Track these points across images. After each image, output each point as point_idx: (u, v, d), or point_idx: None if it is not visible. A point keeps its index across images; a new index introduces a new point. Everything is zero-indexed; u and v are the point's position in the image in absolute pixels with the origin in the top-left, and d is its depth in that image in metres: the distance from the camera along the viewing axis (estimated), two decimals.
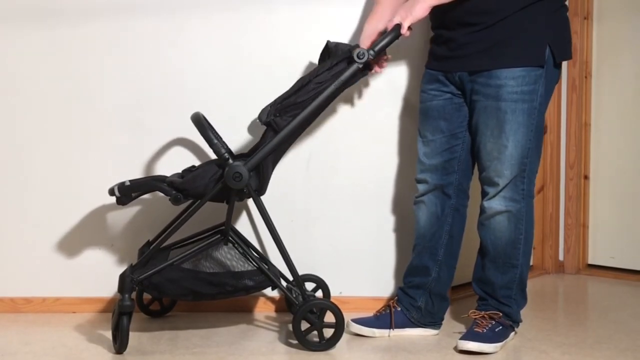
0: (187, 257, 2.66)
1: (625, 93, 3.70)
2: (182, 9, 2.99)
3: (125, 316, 2.57)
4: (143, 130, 3.03)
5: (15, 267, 3.06)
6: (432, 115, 2.74)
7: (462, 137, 2.72)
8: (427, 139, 2.75)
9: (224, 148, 2.59)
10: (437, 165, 2.74)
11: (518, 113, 2.56)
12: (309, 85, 2.57)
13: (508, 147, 2.58)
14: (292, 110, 2.57)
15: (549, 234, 3.81)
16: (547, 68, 2.57)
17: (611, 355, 2.60)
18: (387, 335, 2.79)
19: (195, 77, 3.01)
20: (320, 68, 2.60)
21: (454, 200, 2.77)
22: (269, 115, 2.57)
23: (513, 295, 2.71)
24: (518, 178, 2.61)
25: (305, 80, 2.59)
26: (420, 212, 2.80)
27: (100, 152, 3.04)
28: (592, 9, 3.73)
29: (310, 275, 2.99)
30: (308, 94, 2.57)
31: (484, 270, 2.73)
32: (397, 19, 2.58)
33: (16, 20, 2.99)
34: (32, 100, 3.02)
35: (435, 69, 2.72)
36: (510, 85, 2.55)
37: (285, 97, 2.58)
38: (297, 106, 2.57)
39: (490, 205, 2.65)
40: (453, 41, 2.64)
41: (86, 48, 3.00)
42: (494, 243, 2.68)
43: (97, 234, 3.05)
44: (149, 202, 3.03)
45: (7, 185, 3.04)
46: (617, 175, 3.74)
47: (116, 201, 2.64)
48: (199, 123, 2.59)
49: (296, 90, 2.58)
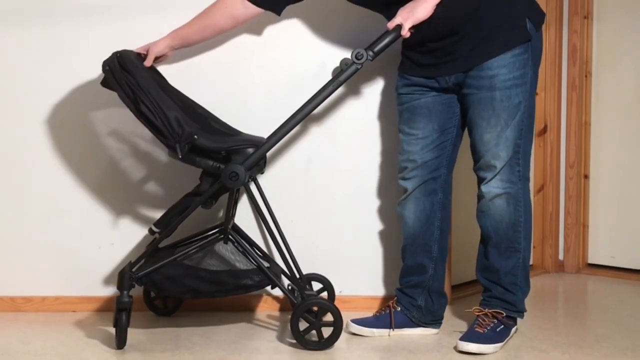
0: (187, 254, 2.66)
1: (625, 93, 3.69)
2: (182, 8, 2.98)
3: (123, 312, 2.57)
4: (144, 130, 3.02)
5: (15, 266, 3.06)
6: (421, 113, 2.73)
7: (451, 132, 2.74)
8: (417, 136, 2.74)
9: (210, 159, 2.59)
10: (428, 161, 2.74)
11: (513, 98, 2.59)
12: (142, 100, 2.51)
13: (505, 132, 2.60)
14: (168, 125, 2.49)
15: (549, 233, 3.81)
16: (533, 40, 2.61)
17: (611, 354, 2.60)
18: (387, 335, 2.79)
19: (196, 76, 3.01)
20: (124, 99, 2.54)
21: (441, 196, 2.79)
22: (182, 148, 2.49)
23: (518, 282, 2.71)
24: (513, 159, 2.63)
25: (133, 101, 2.53)
26: (407, 211, 2.80)
27: (101, 152, 3.03)
28: (592, 9, 3.73)
29: (316, 275, 3.00)
30: (150, 105, 2.50)
31: (487, 258, 2.72)
32: (398, 20, 2.56)
33: (16, 20, 2.99)
34: (32, 100, 3.02)
35: (419, 76, 2.71)
36: (503, 73, 2.57)
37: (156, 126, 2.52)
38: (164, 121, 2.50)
39: (489, 189, 2.66)
40: (440, 50, 2.64)
41: (86, 48, 3.00)
42: (495, 228, 2.68)
43: (97, 233, 3.05)
44: (149, 201, 3.03)
45: (7, 185, 3.04)
46: (617, 175, 3.74)
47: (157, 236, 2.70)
48: (177, 155, 2.57)
49: (148, 113, 2.51)
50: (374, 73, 3.01)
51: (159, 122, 2.50)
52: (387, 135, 3.05)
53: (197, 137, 2.51)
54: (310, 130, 3.06)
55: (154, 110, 2.50)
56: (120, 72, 2.55)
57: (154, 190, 3.03)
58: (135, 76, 2.55)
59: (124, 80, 2.54)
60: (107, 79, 2.59)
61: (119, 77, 2.55)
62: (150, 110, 2.50)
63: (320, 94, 2.62)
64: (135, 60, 2.64)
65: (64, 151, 3.03)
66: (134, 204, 3.03)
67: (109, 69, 2.57)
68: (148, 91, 2.53)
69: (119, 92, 2.55)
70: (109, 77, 2.57)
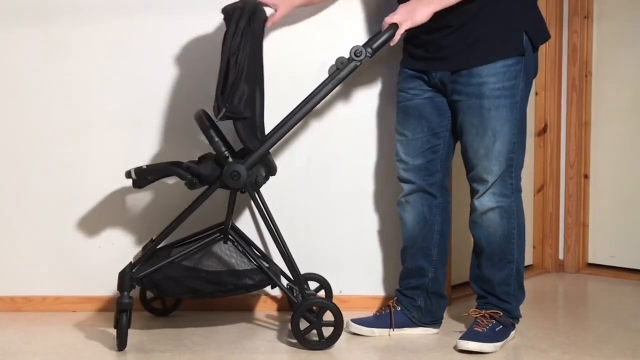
0: (187, 255, 2.66)
1: (625, 92, 3.70)
2: (183, 8, 2.99)
3: (124, 313, 2.57)
4: (144, 129, 3.03)
5: (15, 266, 3.06)
6: (413, 115, 2.73)
7: (443, 136, 2.73)
8: (407, 138, 2.75)
9: (225, 146, 2.59)
10: (420, 165, 2.74)
11: (501, 109, 2.57)
12: (229, 62, 2.51)
13: (495, 144, 2.59)
14: (234, 91, 2.51)
15: (549, 233, 3.81)
16: (527, 56, 2.58)
17: (611, 354, 2.60)
18: (388, 335, 2.79)
19: (197, 75, 3.01)
20: (228, 39, 2.53)
21: (440, 199, 2.78)
22: (220, 109, 2.51)
23: (512, 291, 2.71)
24: (506, 173, 2.62)
25: (224, 60, 2.53)
26: (406, 213, 2.80)
27: (101, 152, 3.04)
28: (592, 9, 3.73)
29: (313, 275, 3.00)
30: (235, 70, 2.51)
31: (480, 269, 2.73)
32: (396, 18, 2.56)
33: (16, 20, 2.99)
34: (32, 99, 3.02)
35: (414, 69, 2.72)
36: (492, 82, 2.56)
37: (222, 85, 2.52)
38: (235, 85, 2.51)
39: (482, 202, 2.65)
40: (432, 44, 2.64)
41: (87, 48, 3.00)
42: (489, 240, 2.68)
43: (97, 232, 3.05)
44: (150, 201, 3.03)
45: (7, 185, 3.04)
46: (617, 175, 3.74)
47: (132, 184, 2.63)
48: (201, 121, 2.59)
49: (225, 74, 2.52)
50: (374, 71, 3.02)
51: (230, 81, 2.49)
52: (387, 134, 3.05)
53: (239, 121, 2.52)
54: (310, 129, 3.06)
55: (237, 72, 2.50)
56: (245, 21, 2.53)
57: (154, 190, 3.02)
58: (248, 35, 2.53)
59: (242, 30, 2.52)
60: (231, 15, 2.56)
61: (240, 24, 2.52)
62: (236, 70, 2.50)
63: (319, 92, 2.62)
64: (261, 22, 2.62)
65: (64, 151, 3.03)
66: (134, 203, 3.03)
67: (240, 7, 2.55)
68: (246, 54, 2.52)
69: (229, 33, 2.52)
70: (235, 14, 2.54)
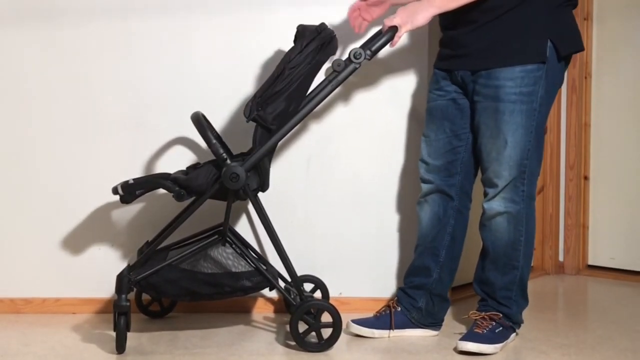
0: (185, 257, 2.66)
1: (625, 93, 3.69)
2: (184, 8, 2.99)
3: (122, 316, 2.57)
4: (144, 130, 3.03)
5: (15, 268, 3.06)
6: (436, 116, 2.74)
7: (465, 138, 2.72)
8: (430, 138, 2.76)
9: (223, 148, 2.59)
10: (440, 166, 2.74)
11: (516, 114, 2.55)
12: (284, 72, 2.54)
13: (506, 148, 2.58)
14: (273, 101, 2.54)
15: (548, 234, 3.81)
16: (549, 64, 2.55)
17: (611, 355, 2.60)
18: (387, 336, 2.79)
19: (197, 76, 3.01)
20: (291, 52, 2.56)
21: (457, 202, 2.77)
22: (252, 111, 2.54)
23: (513, 297, 2.71)
24: (518, 179, 2.61)
25: (280, 68, 2.55)
26: (423, 212, 2.80)
27: (101, 152, 3.04)
28: (592, 9, 3.73)
29: (308, 276, 2.99)
30: (284, 81, 2.54)
31: (484, 271, 2.73)
32: (396, 21, 2.55)
33: (18, 21, 2.99)
34: (32, 99, 3.02)
35: (441, 69, 2.73)
36: (509, 86, 2.54)
37: (265, 89, 2.55)
38: (277, 95, 2.54)
39: (490, 206, 2.65)
40: (455, 40, 2.64)
41: (88, 48, 3.00)
42: (494, 244, 2.68)
43: (97, 234, 3.05)
44: (149, 203, 3.03)
45: (7, 185, 3.04)
46: (617, 176, 3.74)
47: (120, 199, 2.64)
48: (198, 123, 2.59)
49: (274, 80, 2.55)
50: (375, 72, 3.02)
51: (275, 89, 2.53)
52: (387, 136, 3.05)
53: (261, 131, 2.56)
54: (310, 131, 3.06)
55: (286, 84, 2.53)
56: (316, 45, 2.56)
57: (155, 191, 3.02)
58: (314, 60, 2.57)
59: (310, 50, 2.56)
60: (303, 34, 2.60)
61: (311, 45, 2.56)
62: (285, 82, 2.53)
63: (318, 95, 2.62)
64: (328, 55, 2.65)
65: (64, 152, 3.03)
66: (135, 205, 3.03)
67: (317, 31, 2.59)
68: (302, 74, 2.55)
69: (296, 48, 2.56)
70: (307, 35, 2.58)
